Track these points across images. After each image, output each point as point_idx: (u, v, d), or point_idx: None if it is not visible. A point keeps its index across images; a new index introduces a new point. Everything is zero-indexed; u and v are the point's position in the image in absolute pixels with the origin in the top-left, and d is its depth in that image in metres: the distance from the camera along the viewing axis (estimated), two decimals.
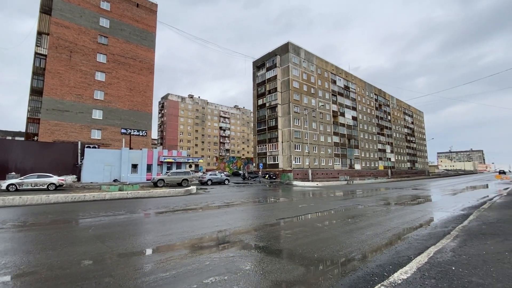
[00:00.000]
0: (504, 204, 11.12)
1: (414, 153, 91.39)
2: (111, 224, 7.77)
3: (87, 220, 8.55)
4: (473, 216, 7.99)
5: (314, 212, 10.17)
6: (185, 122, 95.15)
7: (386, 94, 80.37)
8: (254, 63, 57.40)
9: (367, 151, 66.51)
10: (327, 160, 54.35)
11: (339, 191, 21.46)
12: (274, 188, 25.50)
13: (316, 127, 52.75)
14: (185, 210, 10.68)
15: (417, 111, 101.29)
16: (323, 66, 57.49)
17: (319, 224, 7.76)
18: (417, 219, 8.44)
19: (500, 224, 6.82)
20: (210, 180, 29.58)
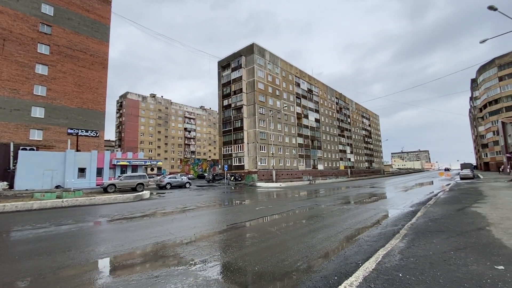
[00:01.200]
0: (446, 199, 11.80)
1: (371, 154, 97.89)
2: (17, 242, 6.30)
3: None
4: (420, 213, 8.15)
5: (270, 214, 9.65)
6: (146, 123, 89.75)
7: (346, 98, 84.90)
8: (219, 63, 56.27)
9: (329, 152, 69.28)
10: (292, 161, 55.24)
11: (301, 191, 21.50)
12: (237, 190, 24.76)
13: (281, 128, 53.34)
14: (126, 219, 9.40)
15: (373, 114, 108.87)
16: (287, 69, 58.52)
17: (272, 229, 7.20)
18: (370, 218, 8.38)
19: (444, 220, 6.94)
20: (169, 184, 27.75)
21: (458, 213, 7.96)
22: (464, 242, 4.81)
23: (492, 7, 12.30)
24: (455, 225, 6.26)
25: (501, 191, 14.83)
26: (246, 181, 37.10)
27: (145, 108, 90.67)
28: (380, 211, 9.70)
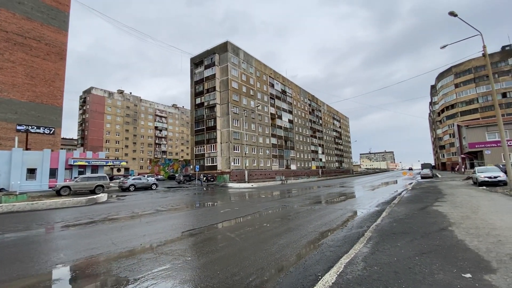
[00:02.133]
0: (409, 198, 12.04)
1: (341, 154, 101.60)
2: None
3: None
4: (385, 213, 8.02)
5: (234, 218, 8.98)
6: (113, 121, 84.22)
7: (318, 100, 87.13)
8: (192, 59, 54.45)
9: (301, 152, 70.42)
10: (266, 161, 55.13)
11: (272, 191, 21.14)
12: (207, 191, 23.74)
13: (255, 128, 52.97)
14: (68, 227, 8.15)
15: (344, 116, 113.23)
16: (261, 69, 58.37)
17: (232, 234, 6.53)
18: (336, 219, 8.08)
19: (408, 220, 6.80)
20: (132, 186, 25.84)
21: (421, 212, 7.94)
22: (428, 245, 4.55)
23: (453, 13, 12.88)
24: (419, 225, 6.10)
25: (458, 189, 15.66)
26: (218, 181, 36.04)
27: (112, 105, 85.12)
28: (347, 212, 9.50)
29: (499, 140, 34.09)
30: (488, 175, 17.35)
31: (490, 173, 17.52)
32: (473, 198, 10.83)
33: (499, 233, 5.05)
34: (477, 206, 8.57)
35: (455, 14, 12.91)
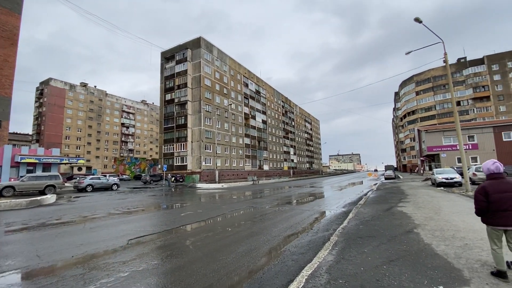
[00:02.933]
0: (375, 199, 12.18)
1: (312, 155, 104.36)
2: None
3: None
4: (352, 214, 7.81)
5: (195, 221, 8.18)
6: (74, 115, 77.55)
7: (291, 102, 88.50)
8: (163, 53, 51.94)
9: (274, 152, 70.85)
10: (238, 161, 54.40)
11: (242, 191, 20.52)
12: (173, 192, 22.41)
13: (228, 128, 51.99)
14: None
15: (315, 119, 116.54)
16: (236, 68, 57.59)
17: (187, 242, 5.77)
18: (303, 221, 7.68)
19: (374, 222, 6.59)
20: (90, 186, 23.55)
21: (387, 213, 7.86)
22: (396, 251, 4.24)
23: (418, 19, 13.36)
24: (385, 228, 5.88)
25: (419, 190, 16.35)
26: (186, 182, 34.54)
27: (73, 98, 78.41)
28: (314, 213, 9.19)
29: (453, 144, 37.06)
30: (445, 177, 18.43)
31: (447, 175, 18.64)
32: (434, 198, 11.20)
33: (464, 236, 4.94)
34: (439, 207, 8.74)
35: (420, 21, 13.40)
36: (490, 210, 3.21)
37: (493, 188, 3.22)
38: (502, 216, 3.13)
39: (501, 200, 3.14)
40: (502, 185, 3.21)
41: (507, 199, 3.13)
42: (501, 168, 3.34)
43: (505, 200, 3.13)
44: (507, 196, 3.14)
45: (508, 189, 3.17)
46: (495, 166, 3.31)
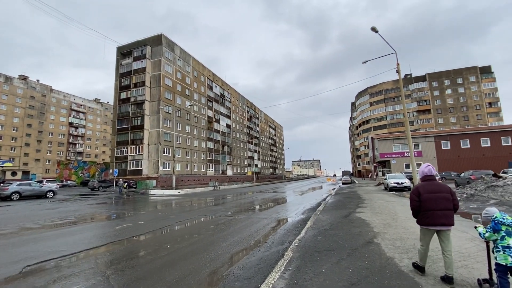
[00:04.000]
0: (334, 204, 11.99)
1: (275, 161, 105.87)
2: None
3: None
4: (310, 222, 7.24)
5: (129, 237, 6.79)
6: (9, 112, 67.12)
7: (256, 108, 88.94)
8: (119, 49, 47.98)
9: (238, 157, 69.93)
10: (200, 166, 52.23)
11: (199, 198, 19.12)
12: (121, 200, 20.02)
13: (190, 131, 49.69)
14: None
15: (279, 125, 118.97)
16: (200, 69, 55.78)
17: (108, 269, 4.49)
18: (257, 232, 6.86)
19: (333, 231, 6.06)
20: (17, 194, 19.84)
21: (345, 220, 7.46)
22: (357, 269, 3.61)
23: (374, 29, 13.83)
24: (345, 238, 5.34)
25: (374, 194, 16.85)
26: (138, 188, 31.63)
27: (9, 92, 68.02)
28: (271, 221, 8.45)
29: (402, 152, 40.29)
30: (396, 181, 19.43)
31: (398, 180, 19.68)
32: (389, 203, 11.35)
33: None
34: (395, 212, 8.69)
35: (376, 30, 13.90)
36: (421, 210, 3.37)
37: (424, 188, 3.41)
38: (428, 215, 3.30)
39: (429, 200, 3.31)
40: (432, 186, 3.39)
41: (433, 199, 3.30)
42: (433, 171, 3.50)
43: (432, 200, 3.30)
44: (434, 197, 3.30)
45: (436, 190, 3.33)
46: (427, 169, 3.50)
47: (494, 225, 2.79)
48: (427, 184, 3.43)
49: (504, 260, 2.61)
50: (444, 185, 3.42)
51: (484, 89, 66.09)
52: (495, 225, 2.78)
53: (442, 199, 3.28)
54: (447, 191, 3.33)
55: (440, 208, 3.24)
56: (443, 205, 3.25)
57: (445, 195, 3.29)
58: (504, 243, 2.67)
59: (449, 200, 3.27)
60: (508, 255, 2.60)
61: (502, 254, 2.65)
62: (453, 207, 3.28)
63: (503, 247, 2.67)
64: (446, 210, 3.25)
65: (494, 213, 2.87)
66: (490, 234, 2.83)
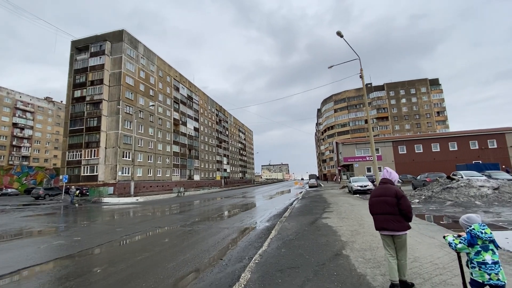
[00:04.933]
0: (300, 209, 11.59)
1: (245, 165, 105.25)
2: None
3: None
4: (275, 232, 6.60)
5: (55, 258, 5.47)
6: None
7: (225, 112, 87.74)
8: (74, 43, 43.75)
9: (206, 162, 67.86)
10: (165, 171, 49.39)
11: (159, 206, 17.55)
12: (67, 210, 17.58)
13: (154, 133, 46.81)
14: None
15: (248, 130, 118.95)
16: (166, 69, 53.22)
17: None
18: (215, 246, 5.99)
19: (299, 242, 5.47)
20: None
21: (312, 228, 6.96)
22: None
23: (339, 33, 14.00)
24: (311, 251, 4.75)
25: (339, 197, 16.95)
26: (90, 195, 28.54)
27: None
28: (233, 232, 7.64)
29: (364, 156, 42.33)
30: (360, 184, 19.93)
31: (361, 183, 20.21)
32: (354, 207, 11.26)
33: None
34: (361, 216, 8.45)
35: (341, 35, 14.08)
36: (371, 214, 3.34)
37: (373, 192, 3.37)
38: (374, 220, 3.26)
39: (373, 204, 3.27)
40: (379, 190, 3.29)
41: (375, 203, 3.22)
42: (387, 174, 3.37)
43: (375, 204, 3.24)
44: (376, 201, 3.22)
45: (381, 194, 3.21)
46: (383, 173, 3.44)
47: (470, 238, 2.48)
48: (378, 188, 3.36)
49: (481, 277, 2.35)
50: (392, 188, 3.19)
51: (433, 99, 73.12)
52: (471, 238, 2.47)
53: (383, 203, 3.14)
54: (391, 195, 3.13)
55: (380, 212, 3.16)
56: (383, 209, 3.14)
57: (386, 199, 3.13)
58: (479, 258, 2.39)
59: (390, 204, 3.09)
60: (484, 272, 2.34)
61: (478, 271, 2.38)
62: (398, 211, 3.06)
63: (478, 263, 2.39)
64: (386, 214, 3.10)
65: (474, 223, 2.54)
66: (463, 247, 2.52)
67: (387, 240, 3.19)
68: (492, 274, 2.31)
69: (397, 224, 3.05)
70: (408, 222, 3.10)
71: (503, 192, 9.78)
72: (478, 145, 38.21)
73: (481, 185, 10.49)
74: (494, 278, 2.30)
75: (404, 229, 3.06)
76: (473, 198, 9.89)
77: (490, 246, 2.38)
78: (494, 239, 2.41)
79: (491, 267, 2.33)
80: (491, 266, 2.33)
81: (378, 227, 3.20)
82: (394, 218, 3.06)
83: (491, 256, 2.35)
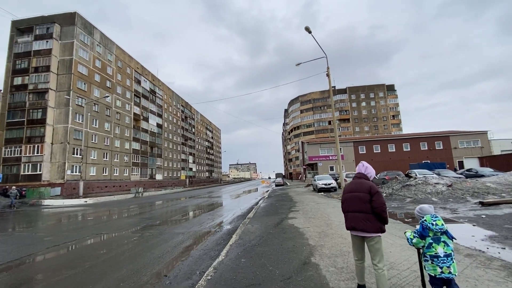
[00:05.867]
0: (266, 208, 11.03)
1: (212, 164, 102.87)
2: None
3: None
4: (236, 236, 5.85)
5: None
6: None
7: (192, 108, 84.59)
8: (15, 23, 38.15)
9: (170, 160, 64.55)
10: (123, 170, 45.63)
11: (110, 209, 15.67)
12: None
13: (111, 129, 42.89)
14: None
15: (216, 128, 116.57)
16: (126, 60, 49.19)
17: None
18: (163, 256, 5.01)
19: (262, 248, 4.79)
20: None
21: (277, 230, 6.36)
22: None
23: (308, 29, 13.78)
24: (275, 259, 4.08)
25: (305, 196, 16.84)
26: (28, 197, 24.89)
27: None
28: (188, 238, 6.70)
29: (327, 155, 43.74)
30: (324, 183, 20.18)
31: (325, 181, 20.50)
32: (320, 205, 11.02)
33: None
34: (327, 215, 8.11)
35: (309, 31, 13.87)
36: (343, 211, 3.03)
37: (346, 188, 3.07)
38: (347, 218, 2.92)
39: (345, 200, 2.99)
40: (352, 185, 3.00)
41: (348, 199, 2.93)
42: (363, 168, 3.10)
43: (347, 201, 2.94)
44: (348, 197, 2.93)
45: (354, 189, 2.92)
46: (357, 167, 3.19)
47: (421, 230, 2.36)
48: (351, 183, 3.06)
49: (433, 271, 2.24)
50: (366, 183, 2.87)
51: (389, 104, 78.95)
52: (422, 230, 2.35)
53: (355, 199, 2.82)
54: (364, 190, 2.80)
55: (352, 210, 2.83)
56: (354, 206, 2.81)
57: (358, 195, 2.81)
58: (431, 251, 2.27)
59: (362, 201, 2.76)
60: (436, 265, 2.23)
61: (431, 264, 2.26)
62: (371, 209, 2.71)
63: (431, 256, 2.27)
64: (358, 212, 2.77)
65: (426, 214, 2.40)
66: (418, 240, 2.39)
67: (356, 242, 2.86)
68: (444, 267, 2.19)
69: (368, 224, 2.68)
70: (382, 223, 2.71)
71: (456, 189, 10.34)
72: (427, 146, 41.88)
73: (436, 182, 11.01)
74: (445, 271, 2.18)
75: (375, 230, 2.67)
76: (430, 195, 10.30)
77: (442, 238, 2.25)
78: (447, 230, 2.27)
79: (443, 260, 2.21)
80: (443, 259, 2.21)
81: (348, 226, 2.86)
82: (365, 216, 2.71)
83: (443, 249, 2.23)
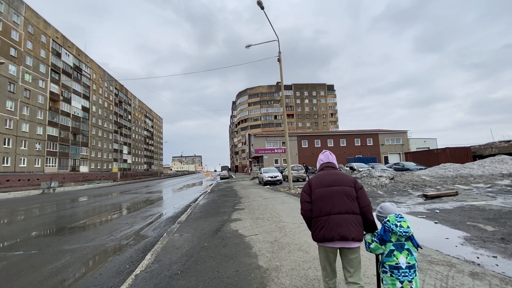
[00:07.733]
0: (205, 207, 9.28)
1: (151, 156, 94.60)
2: None
3: None
4: (151, 255, 3.96)
5: None
6: None
7: (128, 92, 75.39)
8: None
9: (99, 150, 56.16)
10: (33, 160, 37.34)
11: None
12: None
13: (15, 109, 34.33)
14: None
15: (158, 116, 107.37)
16: (40, 26, 39.88)
17: None
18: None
19: (185, 280, 3.10)
20: None
21: (214, 242, 4.71)
22: None
23: (260, 4, 12.33)
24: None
25: (250, 189, 15.64)
26: None
27: None
28: (75, 261, 4.43)
29: (272, 148, 44.02)
30: (270, 175, 19.44)
31: (271, 173, 19.78)
32: (267, 200, 9.80)
33: None
34: (278, 215, 6.82)
35: (262, 7, 12.45)
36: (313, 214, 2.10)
37: (317, 181, 2.16)
38: (321, 224, 2.00)
39: (322, 198, 2.06)
40: (327, 176, 2.16)
41: (328, 196, 2.04)
42: (331, 157, 2.39)
43: (326, 199, 2.04)
44: (329, 192, 2.05)
45: (335, 182, 2.09)
46: (324, 155, 2.43)
47: (382, 233, 1.83)
48: (324, 174, 2.22)
49: (391, 285, 1.74)
50: (346, 175, 2.20)
51: (329, 103, 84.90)
52: (383, 232, 1.82)
53: (341, 195, 2.03)
54: (348, 184, 2.09)
55: (338, 211, 1.99)
56: (341, 206, 2.01)
57: (344, 189, 2.06)
58: (391, 261, 1.77)
59: (350, 198, 2.03)
60: (396, 279, 1.73)
61: (389, 277, 1.76)
62: (358, 210, 2.03)
63: (390, 266, 1.76)
64: (346, 213, 1.99)
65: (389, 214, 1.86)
66: (376, 246, 1.87)
67: (331, 256, 2.06)
68: (405, 281, 1.71)
69: (359, 230, 1.98)
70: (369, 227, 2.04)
71: (397, 182, 10.50)
72: (360, 142, 45.96)
73: (380, 175, 11.09)
74: (406, 286, 1.71)
75: (362, 238, 2.00)
76: (375, 188, 10.22)
77: (406, 244, 1.77)
78: (412, 235, 1.77)
79: (404, 273, 1.73)
80: (405, 271, 1.73)
81: (328, 236, 1.96)
82: (356, 219, 1.99)
83: (406, 258, 1.75)
